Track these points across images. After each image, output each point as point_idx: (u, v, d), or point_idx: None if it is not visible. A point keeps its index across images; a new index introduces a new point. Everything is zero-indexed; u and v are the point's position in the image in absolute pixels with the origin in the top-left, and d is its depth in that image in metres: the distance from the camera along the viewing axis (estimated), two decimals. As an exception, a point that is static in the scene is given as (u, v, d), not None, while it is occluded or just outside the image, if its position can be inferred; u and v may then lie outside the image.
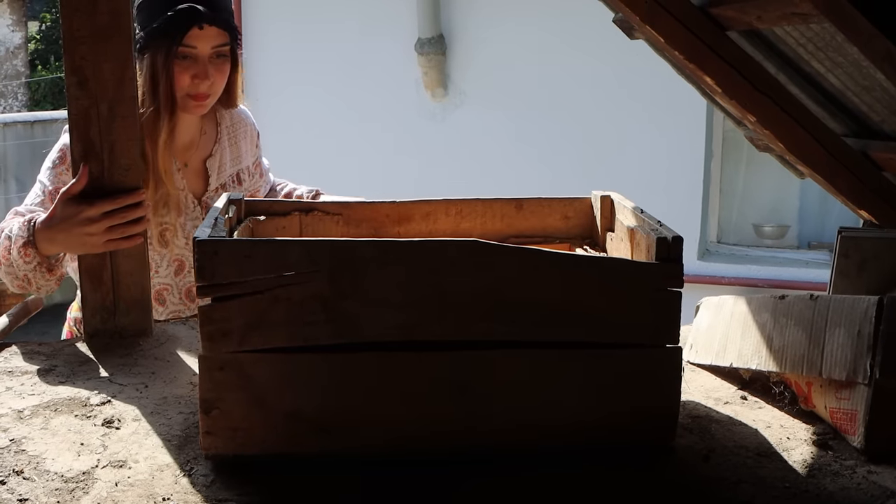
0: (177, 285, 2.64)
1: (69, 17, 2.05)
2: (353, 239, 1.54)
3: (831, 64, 2.41)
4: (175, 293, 2.64)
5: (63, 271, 2.30)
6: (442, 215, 2.07)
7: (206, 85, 2.48)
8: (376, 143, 7.93)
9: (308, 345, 1.53)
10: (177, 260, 2.62)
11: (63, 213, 2.10)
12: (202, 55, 2.46)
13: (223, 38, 2.48)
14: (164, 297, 2.63)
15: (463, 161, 7.56)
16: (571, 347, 1.58)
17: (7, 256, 2.21)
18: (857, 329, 1.66)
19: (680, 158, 7.49)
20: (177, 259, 2.62)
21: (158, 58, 2.43)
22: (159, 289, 2.60)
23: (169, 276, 2.62)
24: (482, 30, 7.82)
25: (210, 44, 2.45)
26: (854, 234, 2.21)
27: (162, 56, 2.42)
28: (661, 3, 2.40)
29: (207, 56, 2.46)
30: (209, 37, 2.44)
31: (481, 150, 7.62)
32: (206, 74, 2.47)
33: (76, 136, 2.09)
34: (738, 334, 1.96)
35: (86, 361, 2.04)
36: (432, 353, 1.55)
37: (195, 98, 2.51)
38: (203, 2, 2.43)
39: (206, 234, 1.55)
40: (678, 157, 7.48)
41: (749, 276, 7.47)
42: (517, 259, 1.54)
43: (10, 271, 2.24)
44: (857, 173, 2.62)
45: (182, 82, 2.47)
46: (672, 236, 1.59)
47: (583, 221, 2.12)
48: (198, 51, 2.45)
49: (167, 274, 2.62)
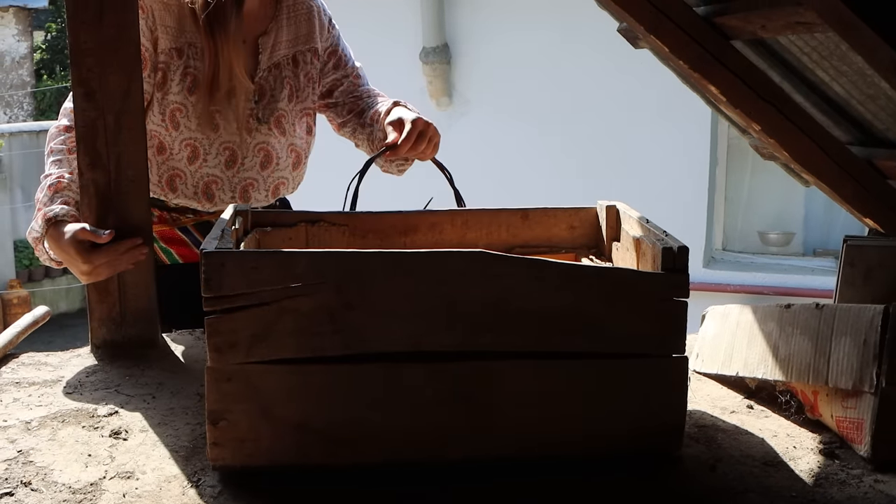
0: (229, 180, 2.46)
1: (76, 30, 2.06)
2: (359, 250, 1.54)
3: (836, 73, 2.41)
4: (227, 189, 2.47)
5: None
6: (448, 226, 2.08)
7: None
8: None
9: (315, 356, 1.53)
10: (227, 148, 2.43)
11: (70, 245, 2.08)
12: None
13: None
14: (212, 191, 2.45)
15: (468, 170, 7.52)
16: (578, 357, 1.58)
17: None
18: (863, 338, 1.67)
19: (685, 166, 7.49)
20: (227, 147, 2.43)
21: None
22: (207, 181, 2.44)
23: (219, 167, 2.44)
24: (487, 39, 7.83)
25: None
26: (859, 243, 2.21)
27: None
28: (665, 12, 2.40)
29: None
30: None
31: (486, 159, 7.61)
32: None
33: (83, 148, 2.09)
34: (744, 343, 1.96)
35: (93, 372, 2.05)
36: (439, 364, 1.55)
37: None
38: None
39: (213, 245, 1.55)
40: (683, 164, 7.48)
41: (754, 283, 7.45)
42: (524, 269, 1.54)
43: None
44: (863, 182, 2.61)
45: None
46: (678, 246, 1.59)
47: (588, 231, 2.12)
48: None
49: (216, 164, 2.43)
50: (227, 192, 2.45)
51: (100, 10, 2.06)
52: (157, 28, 2.34)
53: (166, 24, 2.35)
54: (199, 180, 2.42)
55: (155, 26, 2.34)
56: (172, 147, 2.38)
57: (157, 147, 2.39)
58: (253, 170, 2.46)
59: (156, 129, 2.37)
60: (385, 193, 2.64)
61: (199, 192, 2.43)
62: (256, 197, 2.49)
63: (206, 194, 2.44)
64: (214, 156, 2.41)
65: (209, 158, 2.41)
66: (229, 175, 2.44)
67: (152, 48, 2.34)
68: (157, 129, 2.37)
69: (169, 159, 2.40)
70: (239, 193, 2.46)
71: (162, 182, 2.43)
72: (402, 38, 7.91)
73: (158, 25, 2.34)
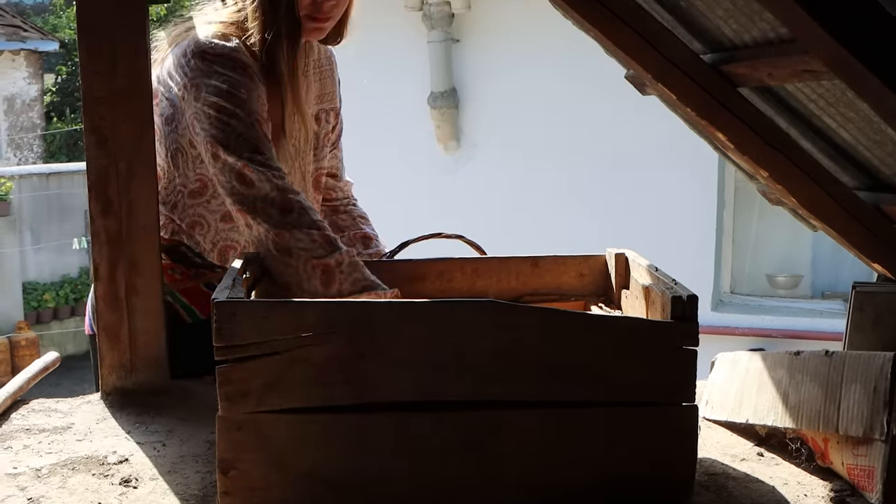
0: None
1: (89, 79, 2.08)
2: (370, 300, 1.55)
3: (842, 119, 2.42)
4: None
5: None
6: (458, 274, 2.08)
7: (329, 5, 2.24)
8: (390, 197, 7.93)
9: (326, 405, 1.54)
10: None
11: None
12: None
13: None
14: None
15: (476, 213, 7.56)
16: (587, 406, 1.58)
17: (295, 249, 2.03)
18: (872, 385, 1.67)
19: (692, 208, 7.49)
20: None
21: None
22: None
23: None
24: (494, 83, 7.87)
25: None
26: (868, 289, 2.21)
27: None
28: (672, 60, 2.42)
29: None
30: None
31: (494, 203, 7.63)
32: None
33: (94, 195, 2.11)
34: (753, 390, 1.96)
35: (103, 419, 2.05)
36: (450, 414, 1.55)
37: (316, 20, 2.26)
38: None
39: (225, 295, 1.56)
40: (690, 207, 7.49)
41: (763, 326, 7.43)
42: (534, 319, 1.55)
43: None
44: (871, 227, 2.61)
45: (304, 0, 2.23)
46: (687, 295, 1.59)
47: (598, 279, 2.13)
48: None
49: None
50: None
51: (113, 60, 2.08)
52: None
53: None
54: (247, 246, 2.28)
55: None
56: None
57: (223, 216, 2.30)
58: None
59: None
60: (392, 237, 2.64)
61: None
62: None
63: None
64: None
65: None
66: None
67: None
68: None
69: (233, 230, 2.31)
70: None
71: (214, 253, 2.35)
72: (411, 83, 7.95)
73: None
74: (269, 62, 2.21)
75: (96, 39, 2.09)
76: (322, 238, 2.03)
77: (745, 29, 2.28)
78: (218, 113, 2.10)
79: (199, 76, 2.14)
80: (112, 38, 2.08)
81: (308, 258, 2.01)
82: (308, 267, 2.01)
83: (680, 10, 2.49)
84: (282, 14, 2.19)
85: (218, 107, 2.10)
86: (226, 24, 2.22)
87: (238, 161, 2.06)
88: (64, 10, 21.68)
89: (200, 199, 2.26)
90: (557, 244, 3.29)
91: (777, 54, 2.16)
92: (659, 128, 6.42)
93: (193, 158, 2.23)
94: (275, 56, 2.21)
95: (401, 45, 7.82)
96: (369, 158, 8.08)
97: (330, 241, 2.03)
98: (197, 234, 2.31)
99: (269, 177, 2.05)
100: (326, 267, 2.00)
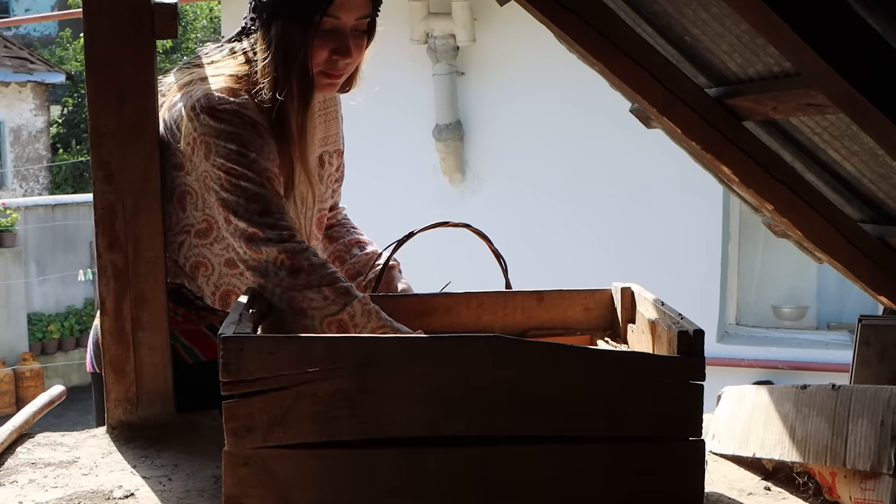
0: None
1: (96, 114, 2.09)
2: (376, 335, 1.56)
3: (847, 152, 2.43)
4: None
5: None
6: (463, 308, 2.09)
7: (344, 62, 2.21)
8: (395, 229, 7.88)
9: (332, 440, 1.54)
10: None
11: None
12: (344, 27, 2.17)
13: (367, 8, 2.19)
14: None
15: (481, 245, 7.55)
16: (594, 441, 1.58)
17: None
18: (880, 419, 1.66)
19: (697, 240, 7.49)
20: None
21: (296, 28, 2.13)
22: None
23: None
24: (499, 116, 7.89)
25: (355, 14, 2.17)
26: (874, 323, 2.22)
27: (301, 26, 2.13)
28: (677, 94, 2.43)
29: (349, 28, 2.18)
30: (355, 6, 2.16)
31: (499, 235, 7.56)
32: (348, 50, 2.18)
33: (101, 230, 2.12)
34: (760, 424, 1.95)
35: (109, 453, 2.05)
36: (456, 449, 1.55)
37: (329, 76, 2.23)
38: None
39: (232, 330, 1.56)
40: (696, 238, 7.49)
41: (769, 357, 7.42)
42: (540, 354, 1.55)
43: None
44: (876, 260, 2.62)
45: (319, 57, 2.18)
46: (693, 330, 1.60)
47: (603, 313, 2.13)
48: (341, 22, 2.15)
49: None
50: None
51: (120, 95, 2.09)
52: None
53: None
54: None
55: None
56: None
57: (227, 261, 2.27)
58: None
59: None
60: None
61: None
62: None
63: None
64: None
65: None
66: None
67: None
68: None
69: (236, 276, 2.29)
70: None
71: (215, 297, 2.32)
72: (415, 115, 7.97)
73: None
74: (279, 120, 2.18)
75: (104, 74, 2.10)
76: (334, 293, 2.02)
77: (749, 63, 2.29)
78: (228, 175, 2.08)
79: (208, 134, 2.11)
80: (119, 73, 2.09)
81: (322, 317, 2.01)
82: (324, 325, 2.01)
83: (685, 44, 2.51)
84: (295, 71, 2.16)
85: (228, 168, 2.08)
86: (234, 78, 2.19)
87: (248, 227, 2.05)
88: (70, 42, 21.79)
89: (206, 239, 2.26)
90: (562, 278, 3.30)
91: (781, 88, 2.17)
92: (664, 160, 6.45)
93: (203, 201, 2.22)
94: (286, 115, 2.18)
95: (406, 78, 7.84)
96: (375, 191, 8.11)
97: (343, 293, 2.03)
98: (200, 275, 2.30)
99: (278, 240, 2.05)
100: (341, 322, 2.00)
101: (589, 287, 2.15)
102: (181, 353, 2.31)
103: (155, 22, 2.11)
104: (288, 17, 2.13)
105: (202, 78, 2.20)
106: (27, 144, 18.18)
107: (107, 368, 2.17)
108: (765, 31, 1.84)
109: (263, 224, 2.06)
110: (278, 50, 2.14)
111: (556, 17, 2.39)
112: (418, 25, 7.65)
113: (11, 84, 17.47)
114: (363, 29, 2.22)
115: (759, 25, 1.80)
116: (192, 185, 2.21)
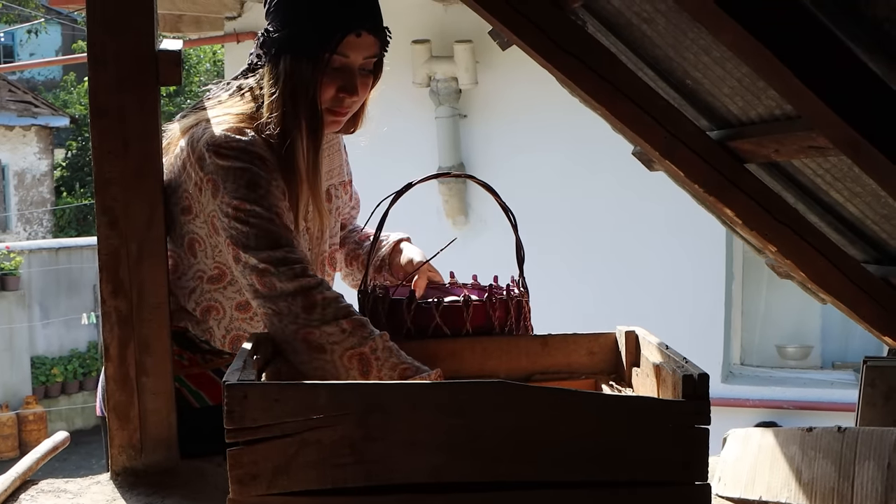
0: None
1: (100, 160, 2.10)
2: (380, 382, 1.55)
3: (850, 194, 2.43)
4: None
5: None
6: (468, 354, 2.08)
7: (350, 100, 2.23)
8: (398, 269, 7.92)
9: (337, 487, 1.53)
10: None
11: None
12: (353, 66, 2.19)
13: (375, 48, 2.21)
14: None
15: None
16: (599, 486, 1.57)
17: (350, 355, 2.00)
18: (886, 462, 1.66)
19: (701, 281, 7.49)
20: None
21: (305, 64, 2.14)
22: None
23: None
24: (502, 158, 7.90)
25: (363, 54, 2.18)
26: (879, 364, 2.21)
27: (310, 62, 2.14)
28: (679, 137, 2.43)
29: (357, 67, 2.20)
30: (364, 46, 2.17)
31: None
32: (355, 88, 2.20)
33: (105, 276, 2.12)
34: (766, 467, 1.95)
35: (112, 500, 2.04)
36: (461, 495, 1.54)
37: (334, 113, 2.24)
38: (361, 3, 2.17)
39: (236, 377, 1.56)
40: (699, 279, 7.49)
41: (773, 397, 7.39)
42: (545, 399, 1.54)
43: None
44: (880, 300, 2.62)
45: (325, 94, 2.19)
46: (698, 374, 1.59)
47: (608, 357, 2.13)
48: (350, 60, 2.17)
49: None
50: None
51: (125, 141, 2.10)
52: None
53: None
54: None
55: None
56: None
57: (238, 305, 2.29)
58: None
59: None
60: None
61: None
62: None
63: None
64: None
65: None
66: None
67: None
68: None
69: (247, 320, 2.31)
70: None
71: (225, 340, 2.32)
72: (419, 158, 7.99)
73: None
74: (288, 157, 2.17)
75: (108, 121, 2.10)
76: (351, 325, 2.01)
77: (750, 106, 2.31)
78: (236, 212, 2.07)
79: (215, 173, 2.11)
80: (124, 120, 2.10)
81: (343, 351, 2.00)
82: (344, 359, 1.99)
83: (686, 88, 2.52)
84: (304, 107, 2.16)
85: (235, 206, 2.07)
86: (241, 117, 2.19)
87: (259, 263, 2.04)
88: (75, 86, 21.94)
89: (218, 284, 2.26)
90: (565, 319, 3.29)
91: (783, 131, 2.18)
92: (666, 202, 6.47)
93: (213, 248, 2.22)
94: (294, 152, 2.17)
95: (408, 121, 7.87)
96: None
97: (361, 326, 2.02)
98: (211, 318, 2.30)
99: (290, 275, 2.03)
100: (363, 355, 1.99)
101: (593, 331, 2.15)
102: (188, 397, 2.31)
103: (159, 69, 2.12)
104: (297, 53, 2.13)
105: (207, 119, 2.21)
106: (31, 188, 18.24)
107: (111, 414, 2.16)
108: (766, 75, 1.85)
109: (275, 258, 2.05)
110: (287, 86, 2.15)
111: (558, 61, 2.40)
112: (421, 69, 7.68)
113: (16, 128, 17.56)
114: (370, 69, 2.24)
115: (760, 69, 1.81)
116: (198, 231, 2.21)
